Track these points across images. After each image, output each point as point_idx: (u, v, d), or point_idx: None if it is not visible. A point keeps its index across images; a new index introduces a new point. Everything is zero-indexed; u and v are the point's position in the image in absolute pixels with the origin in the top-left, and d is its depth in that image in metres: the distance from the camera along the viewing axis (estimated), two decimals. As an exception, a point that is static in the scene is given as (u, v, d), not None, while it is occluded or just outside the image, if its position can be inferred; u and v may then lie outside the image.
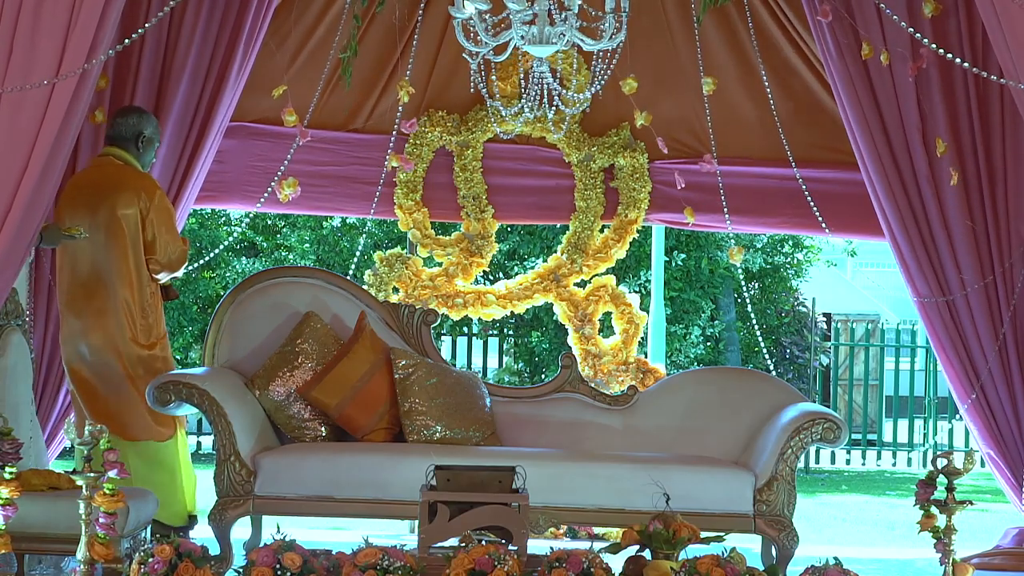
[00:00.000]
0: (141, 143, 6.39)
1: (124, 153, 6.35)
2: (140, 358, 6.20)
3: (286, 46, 7.40)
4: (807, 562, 4.79)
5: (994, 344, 6.59)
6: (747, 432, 6.10)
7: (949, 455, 4.83)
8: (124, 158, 6.34)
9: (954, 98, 6.60)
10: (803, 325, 14.30)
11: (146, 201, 6.24)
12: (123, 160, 6.34)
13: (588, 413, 6.31)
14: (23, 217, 4.86)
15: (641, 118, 7.50)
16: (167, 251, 6.29)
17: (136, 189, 6.24)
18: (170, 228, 6.33)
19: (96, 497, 4.50)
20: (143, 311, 6.25)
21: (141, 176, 6.33)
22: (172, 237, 6.32)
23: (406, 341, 6.36)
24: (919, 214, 6.67)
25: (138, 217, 6.23)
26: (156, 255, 6.27)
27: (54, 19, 4.79)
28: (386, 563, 4.63)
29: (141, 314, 6.24)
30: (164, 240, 6.28)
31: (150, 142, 6.43)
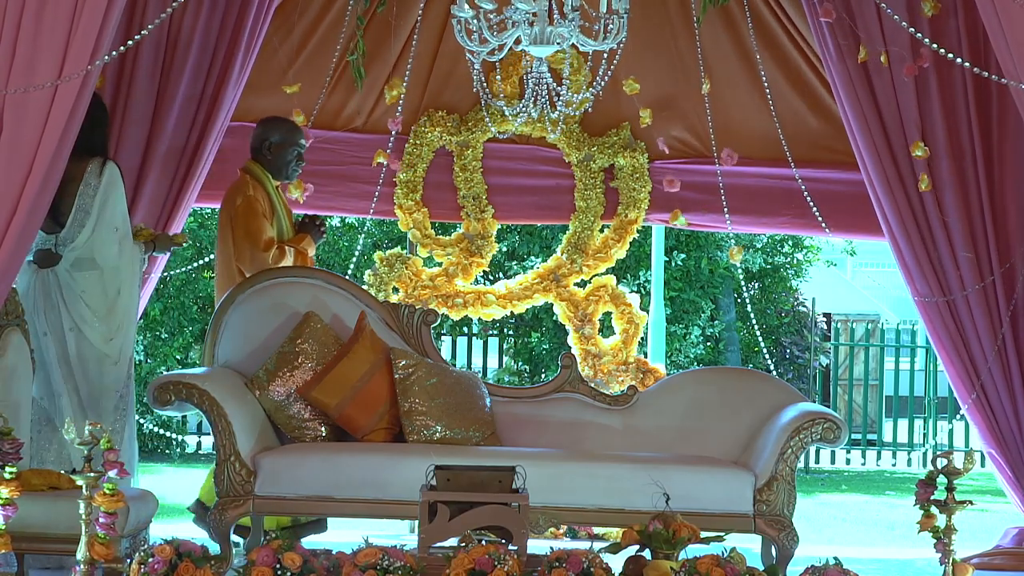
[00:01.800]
0: (269, 150, 6.66)
1: (250, 163, 6.72)
2: None
3: (286, 46, 7.41)
4: (807, 562, 4.79)
5: (993, 344, 6.59)
6: (747, 432, 6.10)
7: (949, 455, 4.83)
8: (248, 168, 6.70)
9: (954, 98, 6.61)
10: (803, 325, 14.30)
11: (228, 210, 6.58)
12: (245, 169, 6.70)
13: (588, 413, 6.31)
14: (26, 219, 4.87)
15: (647, 116, 7.50)
16: (243, 257, 6.51)
17: (225, 202, 6.66)
18: (246, 235, 6.53)
19: (96, 497, 4.50)
20: None
21: (229, 192, 6.67)
22: (249, 243, 6.52)
23: (406, 341, 6.36)
24: (919, 214, 6.67)
25: (227, 227, 6.58)
26: (239, 261, 6.54)
27: (56, 21, 4.79)
28: (386, 563, 4.63)
29: None
30: (241, 247, 6.51)
31: (279, 147, 6.69)
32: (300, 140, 6.79)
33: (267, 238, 6.58)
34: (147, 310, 9.96)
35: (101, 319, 5.98)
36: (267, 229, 6.60)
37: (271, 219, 6.64)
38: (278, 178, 6.75)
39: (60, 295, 5.95)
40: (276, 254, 6.59)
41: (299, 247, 6.73)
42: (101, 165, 5.94)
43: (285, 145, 6.72)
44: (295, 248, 6.70)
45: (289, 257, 6.65)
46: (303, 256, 6.74)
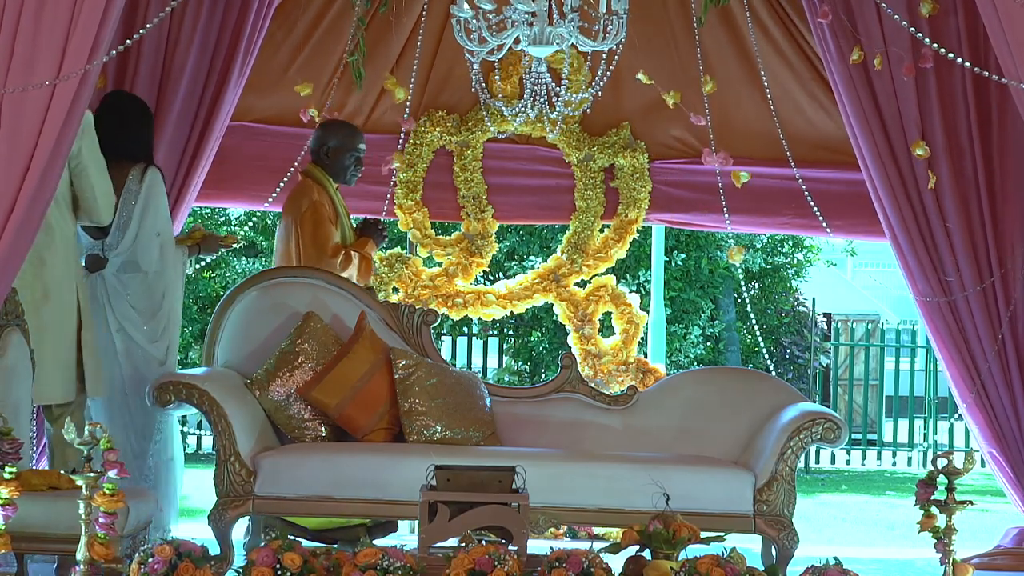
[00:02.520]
0: (327, 154, 6.70)
1: (311, 166, 6.77)
2: None
3: (286, 46, 7.41)
4: (807, 562, 4.79)
5: (994, 344, 6.59)
6: (747, 432, 6.10)
7: (949, 455, 4.82)
8: (309, 171, 6.74)
9: (954, 98, 6.60)
10: (803, 325, 14.30)
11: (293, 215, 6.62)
12: (306, 173, 6.75)
13: (588, 413, 6.31)
14: (24, 218, 4.86)
15: (671, 98, 7.48)
16: (310, 263, 6.54)
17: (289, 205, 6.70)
18: (313, 241, 6.56)
19: (96, 497, 4.50)
20: None
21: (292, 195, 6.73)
22: (316, 250, 6.55)
23: (406, 341, 6.35)
24: (919, 214, 6.67)
25: (291, 228, 6.61)
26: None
27: (55, 20, 4.79)
28: (386, 563, 4.63)
29: None
30: (308, 253, 6.55)
31: (338, 151, 6.73)
32: (359, 144, 6.81)
33: (334, 245, 6.61)
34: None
35: (147, 320, 6.17)
36: (333, 235, 6.63)
37: (335, 223, 6.67)
38: (337, 181, 6.78)
39: (107, 297, 6.13)
40: (342, 260, 6.61)
41: (363, 252, 6.73)
42: (143, 171, 6.08)
43: (343, 150, 6.74)
44: (360, 253, 6.70)
45: (355, 263, 6.65)
46: (367, 261, 6.74)
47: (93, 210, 5.89)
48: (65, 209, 5.80)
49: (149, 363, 6.16)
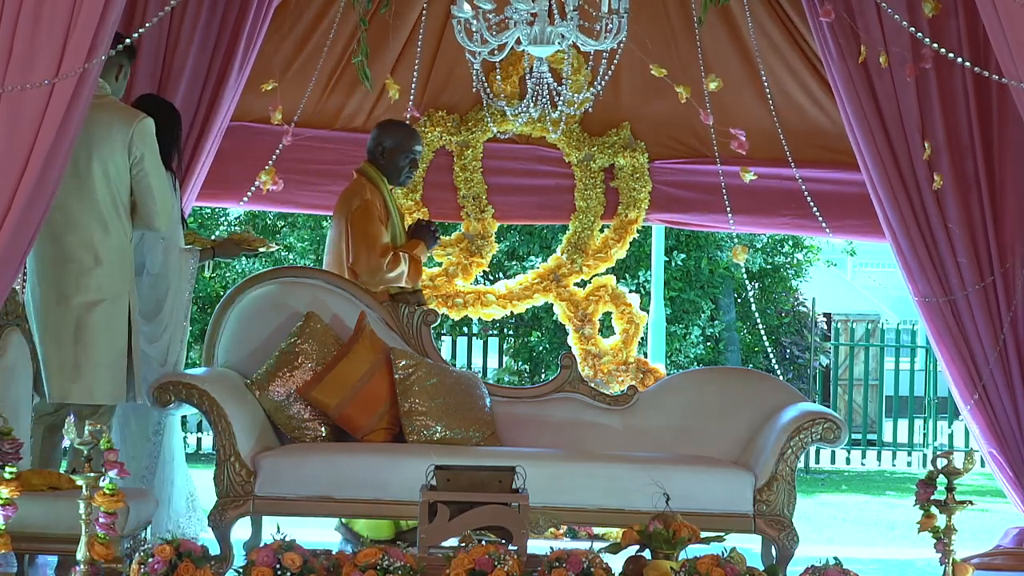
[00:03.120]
0: (382, 155, 6.68)
1: (365, 165, 6.73)
2: None
3: (285, 45, 7.41)
4: (807, 562, 4.78)
5: (995, 343, 6.59)
6: (747, 432, 6.10)
7: (949, 455, 4.82)
8: (363, 170, 6.71)
9: (954, 99, 6.60)
10: (803, 325, 14.31)
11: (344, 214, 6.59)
12: (361, 172, 6.72)
13: (588, 413, 6.31)
14: (22, 218, 4.85)
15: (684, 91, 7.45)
16: (359, 261, 6.53)
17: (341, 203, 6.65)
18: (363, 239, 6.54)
19: (96, 497, 4.50)
20: None
21: (345, 193, 6.69)
22: (366, 248, 6.53)
23: (406, 341, 6.35)
24: (920, 214, 6.66)
25: (342, 229, 6.59)
26: (355, 265, 6.56)
27: (54, 19, 4.79)
28: (386, 563, 4.63)
29: None
30: (357, 251, 6.53)
31: (393, 152, 6.69)
32: (415, 146, 6.78)
33: (383, 244, 6.58)
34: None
35: (147, 321, 6.18)
36: (383, 235, 6.61)
37: (386, 223, 6.65)
38: (391, 183, 6.75)
39: None
40: (391, 260, 6.58)
41: (413, 253, 6.70)
42: None
43: (399, 150, 6.71)
44: (409, 255, 6.67)
45: (404, 264, 6.62)
46: (417, 263, 6.71)
47: (150, 217, 5.87)
48: (124, 213, 5.81)
49: (148, 363, 6.15)
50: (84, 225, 5.68)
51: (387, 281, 6.58)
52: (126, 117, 5.77)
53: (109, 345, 5.77)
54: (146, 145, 5.78)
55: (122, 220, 5.81)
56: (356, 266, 6.57)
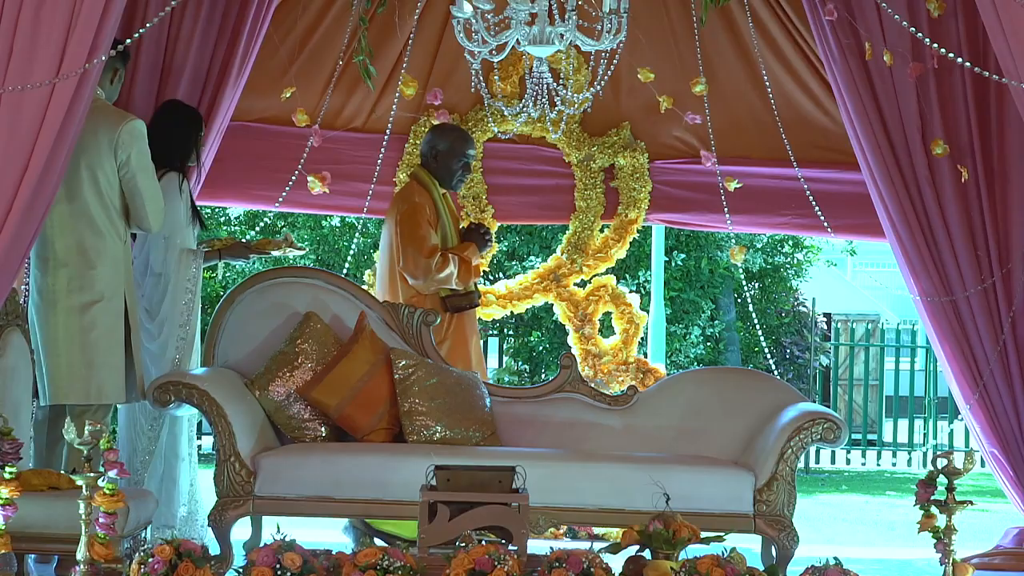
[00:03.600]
0: (435, 158, 6.76)
1: (418, 169, 6.87)
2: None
3: (286, 46, 7.41)
4: (807, 562, 4.78)
5: (995, 344, 6.59)
6: (747, 432, 6.10)
7: (949, 455, 4.82)
8: (416, 174, 6.83)
9: (954, 99, 6.60)
10: (803, 325, 14.31)
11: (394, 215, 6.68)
12: (413, 175, 6.84)
13: (588, 413, 6.31)
14: (23, 218, 4.86)
15: (665, 102, 7.49)
16: (407, 263, 6.60)
17: (391, 206, 6.77)
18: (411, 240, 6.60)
19: (96, 497, 4.50)
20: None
21: (396, 197, 6.85)
22: (413, 249, 6.59)
23: (406, 341, 6.35)
24: (920, 214, 6.67)
25: (392, 231, 6.66)
26: (403, 267, 6.62)
27: (55, 19, 4.79)
28: (386, 563, 4.63)
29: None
30: (405, 252, 6.60)
31: (446, 155, 6.78)
32: (468, 150, 6.84)
33: (431, 245, 6.62)
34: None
35: (150, 320, 6.25)
36: (431, 236, 6.65)
37: (435, 226, 6.69)
38: (444, 186, 6.81)
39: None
40: (439, 261, 6.62)
41: (463, 255, 6.73)
42: (160, 177, 6.11)
43: (452, 154, 6.77)
44: (459, 256, 6.71)
45: (452, 265, 6.65)
46: (467, 265, 6.73)
47: (141, 218, 5.92)
48: (116, 215, 5.86)
49: (154, 362, 6.23)
50: (74, 228, 5.71)
51: (437, 282, 6.63)
52: (113, 120, 5.81)
53: (107, 345, 5.80)
54: (133, 147, 5.82)
55: (114, 221, 5.85)
56: (404, 268, 6.63)
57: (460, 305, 6.73)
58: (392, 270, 6.71)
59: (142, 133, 5.88)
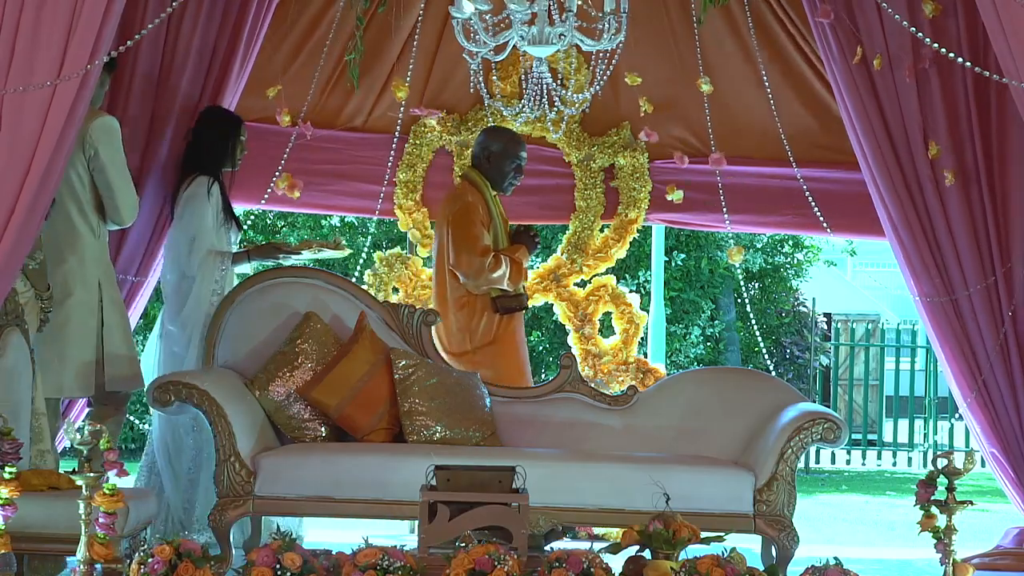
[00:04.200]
0: (488, 159, 6.80)
1: (470, 170, 6.91)
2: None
3: (285, 45, 7.41)
4: (807, 562, 4.78)
5: (995, 343, 6.59)
6: (747, 432, 6.10)
7: (949, 455, 4.82)
8: (467, 174, 6.89)
9: (955, 98, 6.60)
10: (803, 325, 14.31)
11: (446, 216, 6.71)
12: (465, 176, 6.90)
13: (588, 413, 6.31)
14: (25, 219, 4.86)
15: (646, 105, 7.50)
16: (460, 262, 6.64)
17: (442, 208, 6.83)
18: (464, 240, 6.64)
19: (96, 497, 4.50)
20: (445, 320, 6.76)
21: (447, 198, 6.87)
22: (467, 249, 6.63)
23: (406, 341, 6.35)
24: (921, 213, 6.67)
25: (444, 232, 6.72)
26: (455, 267, 6.67)
27: (56, 20, 4.79)
28: (386, 563, 4.63)
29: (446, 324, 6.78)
30: (458, 252, 6.64)
31: (499, 157, 6.83)
32: (521, 152, 6.87)
33: (484, 245, 6.65)
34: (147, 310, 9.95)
35: (171, 318, 6.45)
36: (484, 236, 6.68)
37: (488, 227, 6.73)
38: (496, 188, 6.85)
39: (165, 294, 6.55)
40: (492, 262, 6.64)
41: (514, 257, 6.76)
42: (191, 180, 6.40)
43: (505, 156, 6.81)
44: (510, 258, 6.73)
45: (504, 266, 6.68)
46: (518, 266, 6.77)
47: (113, 211, 6.10)
48: (89, 209, 6.03)
49: (174, 360, 6.38)
50: (48, 223, 5.74)
51: (490, 282, 6.67)
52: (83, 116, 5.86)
53: (77, 339, 5.92)
54: (101, 142, 5.98)
55: (87, 215, 6.01)
56: (457, 267, 6.67)
57: (510, 306, 6.77)
58: (442, 270, 6.75)
59: (111, 128, 6.03)
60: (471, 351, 6.75)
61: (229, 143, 6.57)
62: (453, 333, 6.77)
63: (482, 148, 6.86)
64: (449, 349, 6.74)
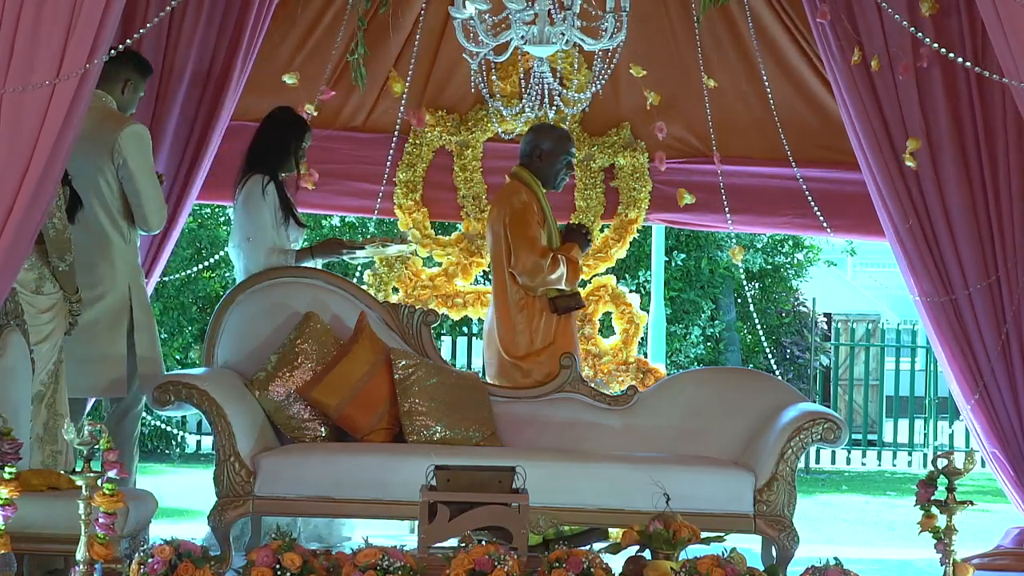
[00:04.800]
0: (539, 157, 6.72)
1: (519, 169, 6.79)
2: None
3: (285, 45, 7.41)
4: (807, 562, 4.78)
5: (997, 343, 6.59)
6: (747, 432, 6.10)
7: (949, 455, 4.82)
8: (517, 173, 6.77)
9: (956, 97, 6.60)
10: (803, 325, 14.30)
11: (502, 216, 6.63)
12: (514, 175, 6.78)
13: (588, 413, 6.31)
14: (24, 218, 4.85)
15: (652, 97, 7.50)
16: (519, 263, 6.56)
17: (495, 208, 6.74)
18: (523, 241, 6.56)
19: (96, 497, 4.50)
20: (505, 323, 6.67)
21: (499, 198, 6.77)
22: (527, 249, 6.56)
23: (406, 341, 6.35)
24: (921, 213, 6.67)
25: (499, 232, 6.62)
26: (515, 267, 6.59)
27: (55, 20, 4.78)
28: (386, 563, 4.62)
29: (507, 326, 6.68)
30: (518, 253, 6.56)
31: (550, 155, 6.74)
32: (571, 148, 6.82)
33: (542, 246, 6.62)
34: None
35: None
36: (541, 236, 6.64)
37: (542, 226, 6.69)
38: (547, 186, 6.78)
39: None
40: (551, 262, 6.61)
41: (570, 256, 6.72)
42: (247, 180, 6.48)
43: (556, 154, 6.74)
44: (567, 257, 6.69)
45: (563, 267, 6.64)
46: (575, 265, 6.72)
47: (140, 219, 6.16)
48: (118, 215, 6.12)
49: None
50: (79, 227, 5.78)
51: (548, 283, 6.62)
52: (113, 124, 6.04)
53: (108, 341, 5.99)
54: (130, 151, 6.04)
55: (116, 222, 6.08)
56: (516, 268, 6.60)
57: (568, 306, 6.72)
58: (500, 273, 6.68)
59: (139, 135, 6.07)
60: (534, 352, 6.65)
61: (287, 143, 6.60)
62: (516, 336, 6.67)
63: (532, 146, 6.78)
64: (512, 352, 6.63)
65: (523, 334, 6.63)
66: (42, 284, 5.58)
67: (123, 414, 6.24)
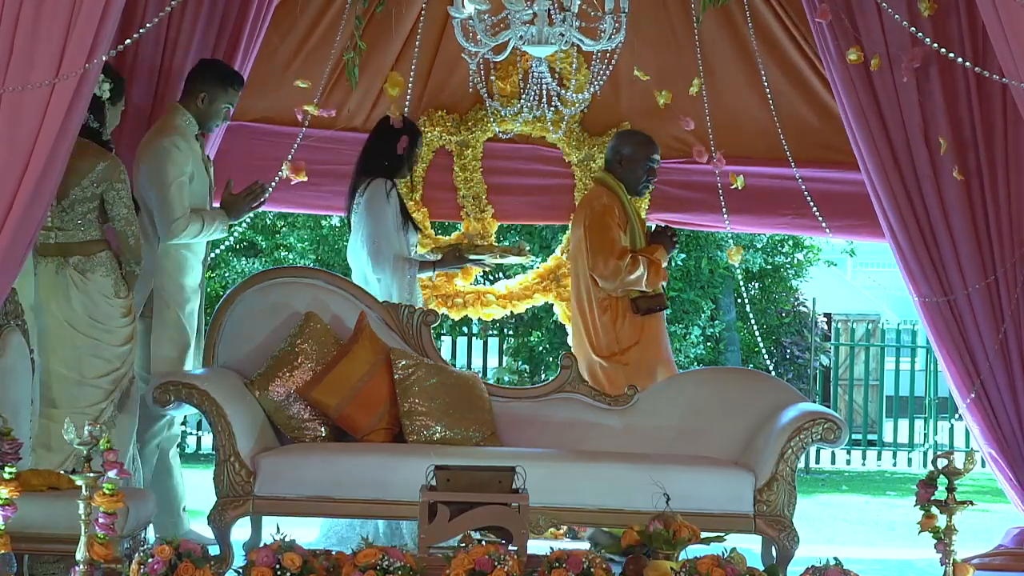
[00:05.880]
0: (620, 163, 6.84)
1: (604, 174, 6.96)
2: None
3: (285, 45, 7.41)
4: (807, 562, 4.79)
5: (995, 343, 6.59)
6: (747, 432, 6.09)
7: (949, 455, 4.82)
8: (601, 178, 6.94)
9: (955, 98, 6.60)
10: (803, 325, 14.30)
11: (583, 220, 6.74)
12: (599, 180, 6.95)
13: (588, 413, 6.31)
14: (23, 217, 4.85)
15: (662, 98, 7.52)
16: (597, 265, 6.69)
17: (578, 212, 6.89)
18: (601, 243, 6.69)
19: (96, 497, 4.50)
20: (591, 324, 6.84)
21: (583, 202, 6.95)
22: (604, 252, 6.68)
23: (406, 341, 6.35)
24: (920, 214, 6.67)
25: (580, 236, 6.76)
26: (593, 270, 6.72)
27: (54, 19, 4.78)
28: (386, 563, 4.63)
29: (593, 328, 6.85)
30: (595, 255, 6.69)
31: (631, 160, 6.86)
32: (653, 155, 6.91)
33: (621, 247, 6.69)
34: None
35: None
36: (621, 238, 6.72)
37: (625, 229, 6.76)
38: (631, 192, 6.88)
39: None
40: (629, 263, 6.67)
41: (652, 257, 6.78)
42: (367, 185, 6.66)
43: (637, 159, 6.85)
44: (648, 258, 6.76)
45: (642, 267, 6.71)
46: (656, 267, 6.78)
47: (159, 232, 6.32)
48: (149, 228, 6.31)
49: None
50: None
51: (627, 284, 6.70)
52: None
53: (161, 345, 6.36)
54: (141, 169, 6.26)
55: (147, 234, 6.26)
56: (595, 270, 6.71)
57: (650, 307, 6.79)
58: (583, 274, 6.79)
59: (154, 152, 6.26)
60: (619, 352, 6.78)
61: (407, 151, 6.79)
62: (601, 336, 6.80)
63: (615, 152, 6.91)
64: (599, 352, 6.79)
65: (608, 334, 6.78)
66: (119, 288, 5.85)
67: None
